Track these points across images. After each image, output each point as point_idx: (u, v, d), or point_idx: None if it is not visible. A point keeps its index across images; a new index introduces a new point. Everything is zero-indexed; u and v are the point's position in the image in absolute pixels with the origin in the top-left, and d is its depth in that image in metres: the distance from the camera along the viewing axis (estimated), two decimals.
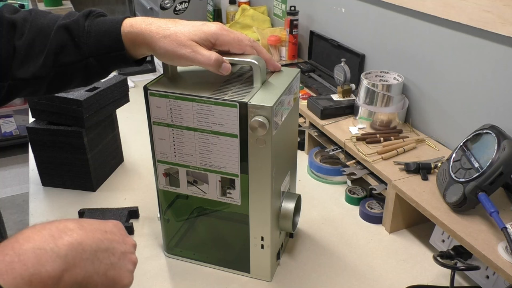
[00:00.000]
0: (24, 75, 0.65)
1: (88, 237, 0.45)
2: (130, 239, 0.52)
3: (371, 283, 0.79)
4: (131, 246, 0.52)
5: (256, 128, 0.64)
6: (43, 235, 0.42)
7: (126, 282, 0.49)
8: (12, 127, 3.00)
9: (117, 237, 0.49)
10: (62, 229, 0.43)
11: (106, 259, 0.46)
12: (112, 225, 0.51)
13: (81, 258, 0.43)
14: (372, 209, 0.95)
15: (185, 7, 1.91)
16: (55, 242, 0.42)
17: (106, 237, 0.48)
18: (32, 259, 0.39)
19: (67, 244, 0.42)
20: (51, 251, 0.41)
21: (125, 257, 0.49)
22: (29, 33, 0.65)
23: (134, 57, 0.68)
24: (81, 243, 0.44)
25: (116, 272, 0.48)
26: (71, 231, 0.44)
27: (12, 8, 0.68)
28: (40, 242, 0.41)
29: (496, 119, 0.86)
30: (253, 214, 0.73)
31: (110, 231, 0.49)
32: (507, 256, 0.67)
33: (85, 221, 0.48)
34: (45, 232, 0.42)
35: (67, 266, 0.42)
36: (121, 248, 0.49)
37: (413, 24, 1.04)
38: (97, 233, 0.47)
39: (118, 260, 0.48)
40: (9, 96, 0.68)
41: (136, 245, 0.54)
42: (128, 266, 0.50)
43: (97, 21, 0.66)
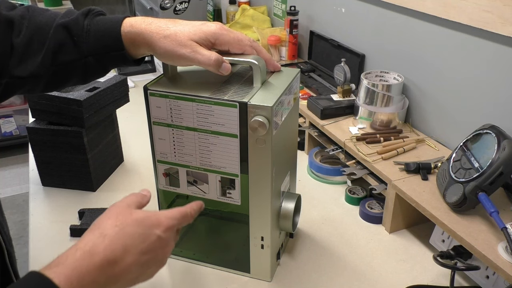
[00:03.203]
0: (21, 73, 0.65)
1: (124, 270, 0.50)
2: (169, 248, 0.56)
3: (371, 283, 0.79)
4: (168, 253, 0.56)
5: (256, 128, 0.64)
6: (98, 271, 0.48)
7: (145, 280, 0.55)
8: (12, 127, 3.00)
9: (154, 254, 0.53)
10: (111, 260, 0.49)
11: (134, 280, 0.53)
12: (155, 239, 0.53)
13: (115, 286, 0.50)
14: (372, 209, 0.95)
15: (185, 7, 1.91)
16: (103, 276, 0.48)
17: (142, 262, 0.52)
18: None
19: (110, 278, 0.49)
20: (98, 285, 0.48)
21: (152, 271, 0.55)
22: (27, 30, 0.65)
23: (134, 56, 0.68)
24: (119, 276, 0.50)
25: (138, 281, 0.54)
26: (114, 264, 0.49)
27: (9, 5, 0.67)
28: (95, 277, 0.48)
29: (496, 119, 0.86)
30: (253, 214, 0.73)
31: (151, 250, 0.53)
32: (507, 256, 0.67)
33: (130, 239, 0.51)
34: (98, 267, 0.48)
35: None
36: (154, 267, 0.55)
37: (413, 24, 1.04)
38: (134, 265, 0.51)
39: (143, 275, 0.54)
40: (6, 94, 0.67)
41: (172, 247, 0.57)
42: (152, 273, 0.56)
43: (96, 20, 0.66)
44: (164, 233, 0.54)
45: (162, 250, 0.54)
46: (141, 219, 0.53)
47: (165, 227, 0.55)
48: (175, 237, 0.58)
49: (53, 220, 0.93)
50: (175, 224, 0.56)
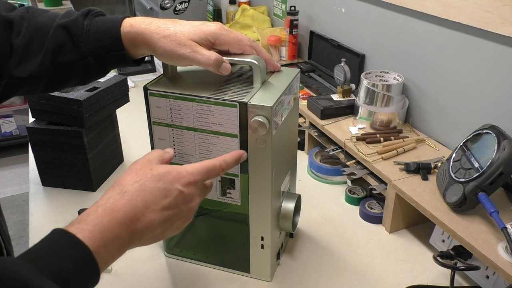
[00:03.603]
0: (21, 74, 0.65)
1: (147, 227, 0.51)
2: (194, 202, 0.55)
3: (371, 283, 0.79)
4: (190, 211, 0.55)
5: (256, 128, 0.64)
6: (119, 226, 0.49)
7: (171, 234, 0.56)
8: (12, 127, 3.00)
9: (177, 210, 0.53)
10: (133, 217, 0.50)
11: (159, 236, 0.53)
12: (177, 194, 0.53)
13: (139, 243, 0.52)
14: (372, 209, 0.95)
15: (185, 7, 1.91)
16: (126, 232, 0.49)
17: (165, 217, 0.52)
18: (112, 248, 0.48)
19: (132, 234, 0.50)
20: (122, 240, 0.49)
21: (178, 226, 0.55)
22: (26, 31, 0.65)
23: (134, 57, 0.68)
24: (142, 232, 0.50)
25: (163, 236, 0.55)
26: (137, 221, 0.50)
27: (8, 6, 0.68)
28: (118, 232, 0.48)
29: (496, 119, 0.86)
30: (253, 214, 0.73)
31: (172, 205, 0.52)
32: (507, 256, 0.67)
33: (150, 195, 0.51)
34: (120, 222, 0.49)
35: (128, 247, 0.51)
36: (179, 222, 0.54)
37: (413, 24, 1.04)
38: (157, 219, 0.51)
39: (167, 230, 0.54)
40: (6, 95, 0.67)
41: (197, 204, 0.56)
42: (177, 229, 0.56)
43: (96, 21, 0.66)
44: (187, 188, 0.54)
45: (186, 205, 0.54)
46: (162, 174, 0.53)
47: (187, 182, 0.54)
48: (202, 192, 0.57)
49: (53, 220, 0.93)
50: (198, 180, 0.55)
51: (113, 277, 0.80)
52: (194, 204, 0.55)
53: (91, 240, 0.46)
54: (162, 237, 0.54)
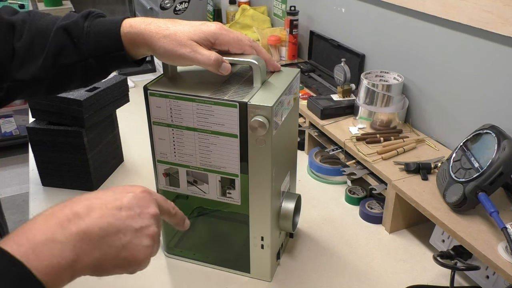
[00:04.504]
0: (23, 77, 0.65)
1: (95, 224, 0.44)
2: (150, 209, 0.49)
3: (371, 283, 0.79)
4: (149, 219, 0.49)
5: (256, 128, 0.64)
6: (53, 225, 0.42)
7: (142, 257, 0.48)
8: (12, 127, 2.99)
9: (132, 212, 0.47)
10: (70, 216, 0.43)
11: (116, 241, 0.46)
12: (131, 196, 0.48)
13: (88, 248, 0.44)
14: (372, 209, 0.95)
15: (185, 7, 1.91)
16: (64, 233, 0.42)
17: (117, 217, 0.46)
18: (45, 251, 0.40)
19: (74, 234, 0.43)
20: (60, 244, 0.41)
21: (140, 234, 0.48)
22: (28, 34, 0.65)
23: (134, 57, 0.68)
24: (87, 232, 0.43)
25: (128, 252, 0.47)
26: (78, 219, 0.44)
27: (10, 10, 0.68)
28: (51, 233, 0.41)
29: (496, 119, 0.86)
30: (253, 214, 0.73)
31: (126, 207, 0.47)
32: (507, 256, 0.67)
33: (96, 200, 0.46)
34: (54, 221, 0.43)
35: (77, 256, 0.43)
36: (135, 224, 0.47)
37: (413, 24, 1.04)
38: (106, 217, 0.45)
39: (130, 239, 0.47)
40: (8, 98, 0.68)
41: (157, 214, 0.50)
42: (143, 242, 0.48)
43: (96, 22, 0.66)
44: (141, 193, 0.50)
45: (142, 209, 0.48)
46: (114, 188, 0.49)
47: (142, 189, 0.50)
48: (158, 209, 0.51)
49: None
50: (152, 192, 0.51)
51: (113, 277, 0.80)
52: (152, 211, 0.50)
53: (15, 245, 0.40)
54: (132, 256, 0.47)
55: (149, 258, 0.49)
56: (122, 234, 0.46)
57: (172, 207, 0.56)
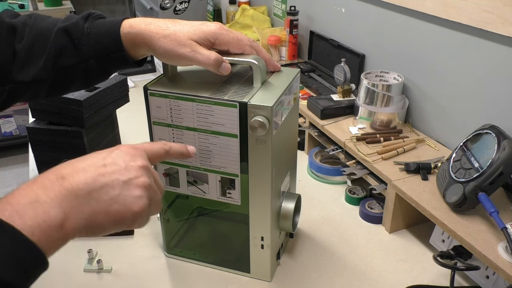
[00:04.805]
0: (24, 79, 0.65)
1: (79, 181, 0.45)
2: (136, 162, 0.49)
3: (371, 283, 0.79)
4: (136, 170, 0.48)
5: (256, 128, 0.64)
6: (36, 189, 0.43)
7: (136, 209, 0.47)
8: (12, 127, 2.99)
9: (117, 167, 0.47)
10: (54, 179, 0.44)
11: (103, 195, 0.46)
12: (115, 154, 0.48)
13: (75, 204, 0.44)
14: (372, 209, 0.95)
15: (185, 7, 1.91)
16: (47, 194, 0.42)
17: (101, 173, 0.46)
18: (29, 212, 0.41)
19: (58, 194, 0.43)
20: (45, 203, 0.42)
21: (129, 185, 0.47)
22: (28, 36, 0.66)
23: (134, 57, 0.68)
24: (71, 190, 0.44)
25: (119, 205, 0.46)
26: (62, 179, 0.44)
27: (12, 13, 0.69)
28: (35, 196, 0.42)
29: (496, 119, 0.86)
30: (253, 214, 0.73)
31: (110, 163, 0.47)
32: (507, 256, 0.67)
33: (82, 160, 0.47)
34: (38, 185, 0.43)
35: (64, 215, 0.42)
36: (122, 177, 0.47)
37: (413, 24, 1.04)
38: (90, 173, 0.46)
39: (119, 192, 0.46)
40: (10, 100, 0.68)
41: (144, 165, 0.49)
42: (134, 192, 0.47)
43: (96, 23, 0.66)
44: (126, 149, 0.49)
45: (126, 162, 0.48)
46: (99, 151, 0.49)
47: (126, 146, 0.50)
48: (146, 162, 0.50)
49: None
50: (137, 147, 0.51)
51: (113, 277, 0.80)
52: (139, 163, 0.49)
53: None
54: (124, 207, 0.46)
55: (144, 210, 0.48)
56: (110, 188, 0.46)
57: (163, 143, 0.55)
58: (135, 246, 0.87)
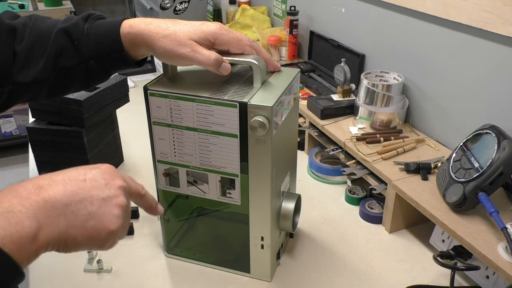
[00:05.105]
0: (24, 80, 0.65)
1: (57, 192, 0.44)
2: (116, 182, 0.49)
3: (371, 283, 0.79)
4: (116, 189, 0.48)
5: (256, 128, 0.64)
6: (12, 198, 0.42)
7: (113, 227, 0.47)
8: (12, 127, 2.99)
9: (97, 183, 0.47)
10: (31, 189, 0.43)
11: (81, 210, 0.45)
12: (96, 171, 0.48)
13: (51, 216, 0.43)
14: (372, 209, 0.95)
15: (185, 7, 1.91)
16: (22, 204, 0.41)
17: (81, 187, 0.46)
18: (1, 222, 0.39)
19: (34, 204, 0.42)
20: (19, 213, 0.41)
21: (108, 203, 0.47)
22: (29, 37, 0.66)
23: (134, 58, 0.68)
24: (49, 200, 0.43)
25: (96, 221, 0.46)
26: (40, 189, 0.43)
27: (12, 15, 0.69)
28: (9, 205, 0.41)
29: (496, 119, 0.86)
30: (253, 214, 0.73)
31: (90, 179, 0.47)
32: (507, 256, 0.67)
33: (61, 173, 0.47)
34: (14, 194, 0.42)
35: (38, 225, 0.41)
36: (102, 194, 0.46)
37: (413, 24, 1.04)
38: (70, 185, 0.45)
39: (98, 208, 0.46)
40: (10, 101, 0.68)
41: (124, 186, 0.49)
42: (112, 211, 0.47)
43: (96, 24, 0.66)
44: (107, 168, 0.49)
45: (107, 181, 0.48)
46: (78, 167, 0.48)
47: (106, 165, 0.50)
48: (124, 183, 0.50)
49: None
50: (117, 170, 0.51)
51: (113, 277, 0.80)
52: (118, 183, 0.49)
53: None
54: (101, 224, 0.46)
55: (119, 230, 0.48)
56: (88, 203, 0.45)
57: (141, 187, 0.55)
58: (135, 246, 0.87)
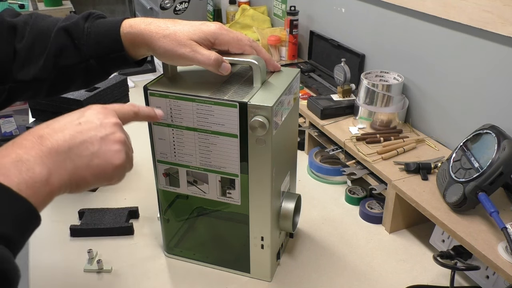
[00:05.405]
0: (24, 78, 0.65)
1: (58, 139, 0.46)
2: (110, 119, 0.52)
3: (371, 283, 0.79)
4: (111, 126, 0.51)
5: (256, 128, 0.64)
6: (17, 149, 0.44)
7: (117, 162, 0.51)
8: (12, 127, 2.99)
9: (92, 124, 0.50)
10: (33, 140, 0.45)
11: (84, 151, 0.48)
12: (88, 112, 0.51)
13: (58, 161, 0.45)
14: (372, 209, 0.95)
15: (185, 7, 1.91)
16: (29, 153, 0.44)
17: (79, 130, 0.48)
18: (13, 170, 0.42)
19: (39, 152, 0.44)
20: (27, 162, 0.43)
21: (107, 140, 0.50)
22: (29, 35, 0.66)
23: (134, 57, 0.68)
24: (52, 148, 0.45)
25: (100, 159, 0.49)
26: (41, 139, 0.46)
27: (12, 13, 0.69)
28: (16, 155, 0.43)
29: (496, 119, 0.86)
30: (253, 214, 0.73)
31: (85, 121, 0.50)
32: (507, 256, 0.67)
33: (57, 120, 0.49)
34: (18, 146, 0.44)
35: (49, 171, 0.44)
36: (99, 133, 0.50)
37: (413, 24, 1.04)
38: (68, 130, 0.48)
39: (98, 147, 0.49)
40: (10, 99, 0.68)
41: (118, 123, 0.52)
42: (113, 147, 0.50)
43: (96, 23, 0.66)
44: (98, 108, 0.52)
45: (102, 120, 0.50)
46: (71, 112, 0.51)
47: (97, 106, 0.52)
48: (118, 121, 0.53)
49: (53, 220, 0.93)
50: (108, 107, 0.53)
51: (113, 277, 0.80)
52: (112, 120, 0.52)
53: None
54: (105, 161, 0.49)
55: (123, 164, 0.52)
56: (89, 144, 0.48)
57: (132, 105, 0.58)
58: (135, 246, 0.87)
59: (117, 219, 0.90)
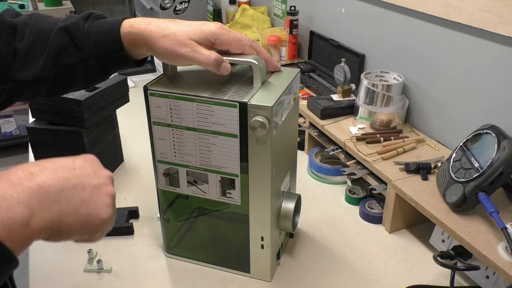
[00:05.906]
0: (24, 77, 0.65)
1: (50, 178, 0.44)
2: (104, 171, 0.50)
3: (371, 283, 0.79)
4: (105, 178, 0.49)
5: (256, 128, 0.64)
6: (1, 184, 0.41)
7: (104, 216, 0.47)
8: (12, 127, 2.99)
9: (87, 172, 0.47)
10: (22, 175, 0.43)
11: (75, 197, 0.45)
12: (82, 160, 0.49)
13: (45, 201, 0.42)
14: (372, 209, 0.95)
15: (185, 7, 1.91)
16: (14, 189, 0.40)
17: (73, 174, 0.46)
18: None
19: (27, 189, 0.41)
20: (10, 198, 0.40)
21: (99, 191, 0.47)
22: (29, 35, 0.66)
23: (134, 57, 0.68)
24: (42, 186, 0.42)
25: (89, 208, 0.46)
26: (31, 175, 0.43)
27: (13, 13, 0.69)
28: (0, 191, 0.40)
29: (496, 119, 0.86)
30: (253, 214, 0.73)
31: (79, 167, 0.47)
32: (507, 256, 0.67)
33: (49, 161, 0.47)
34: (4, 180, 0.42)
35: (31, 211, 0.41)
36: (93, 182, 0.47)
37: (413, 24, 1.04)
38: (61, 172, 0.45)
39: (90, 195, 0.46)
40: (10, 99, 0.68)
41: (111, 176, 0.51)
42: (104, 200, 0.47)
43: (96, 23, 0.66)
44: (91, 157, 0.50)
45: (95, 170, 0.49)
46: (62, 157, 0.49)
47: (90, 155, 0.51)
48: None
49: None
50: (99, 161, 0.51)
51: (113, 277, 0.80)
52: (105, 172, 0.50)
53: None
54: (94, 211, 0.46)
55: (109, 220, 0.48)
56: (81, 189, 0.46)
57: None
58: (135, 246, 0.87)
59: (117, 219, 0.90)
